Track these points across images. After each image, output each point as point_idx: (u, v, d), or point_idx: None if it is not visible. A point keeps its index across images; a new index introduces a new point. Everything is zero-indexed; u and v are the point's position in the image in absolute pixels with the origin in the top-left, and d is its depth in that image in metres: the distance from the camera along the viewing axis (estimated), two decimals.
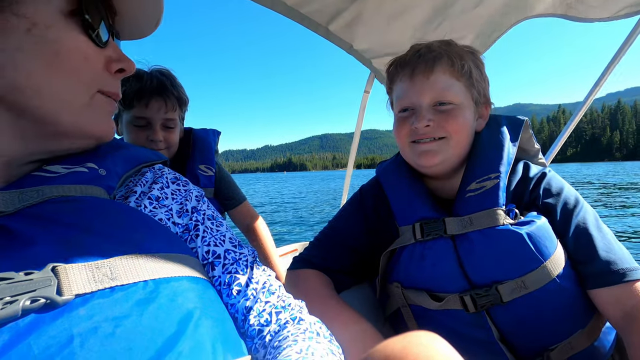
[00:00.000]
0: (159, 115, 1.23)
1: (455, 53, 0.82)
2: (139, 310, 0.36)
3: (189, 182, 0.62)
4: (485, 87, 0.86)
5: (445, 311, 0.75)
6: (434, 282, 0.77)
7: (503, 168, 0.79)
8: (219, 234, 0.57)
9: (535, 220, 0.72)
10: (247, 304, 0.52)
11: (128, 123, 1.22)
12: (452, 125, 0.80)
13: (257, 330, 0.51)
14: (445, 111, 0.80)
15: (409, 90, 0.83)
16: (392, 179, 0.93)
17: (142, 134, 1.23)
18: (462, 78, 0.81)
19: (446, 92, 0.80)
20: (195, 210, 0.57)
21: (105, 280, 0.36)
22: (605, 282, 0.70)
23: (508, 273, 0.71)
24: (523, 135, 0.88)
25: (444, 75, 0.81)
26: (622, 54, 1.39)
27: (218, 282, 0.52)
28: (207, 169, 1.41)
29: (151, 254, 0.41)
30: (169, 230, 0.50)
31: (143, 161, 0.59)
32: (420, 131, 0.80)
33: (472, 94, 0.83)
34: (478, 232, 0.74)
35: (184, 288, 0.41)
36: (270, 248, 1.56)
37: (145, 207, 0.52)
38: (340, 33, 1.49)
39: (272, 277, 0.59)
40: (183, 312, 0.38)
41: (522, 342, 0.73)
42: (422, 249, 0.79)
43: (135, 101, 1.20)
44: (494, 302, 0.70)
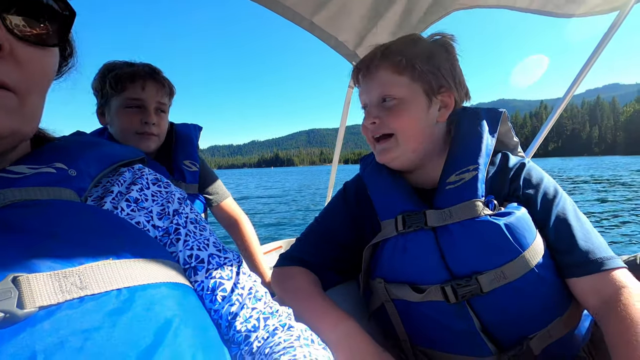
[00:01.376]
0: (155, 98, 1.22)
1: (395, 49, 0.84)
2: (112, 321, 0.33)
3: (171, 183, 0.59)
4: (440, 77, 0.84)
5: (427, 303, 0.76)
6: (416, 274, 0.78)
7: (482, 160, 0.80)
8: (202, 238, 0.54)
9: (514, 211, 0.74)
10: (232, 310, 0.50)
11: (119, 107, 1.19)
12: (396, 121, 0.83)
13: (244, 336, 0.49)
14: (389, 107, 0.84)
15: (361, 91, 0.90)
16: (372, 173, 0.94)
17: (136, 116, 1.20)
18: (404, 72, 0.83)
19: (387, 87, 0.83)
20: (177, 213, 0.54)
21: (73, 290, 0.33)
22: (583, 271, 0.72)
23: (487, 263, 0.72)
24: (501, 127, 0.89)
25: (384, 72, 0.84)
26: (599, 51, 1.40)
27: (201, 288, 0.50)
28: (191, 164, 1.38)
29: (126, 259, 0.39)
30: (146, 233, 0.48)
31: (119, 160, 0.56)
32: (370, 128, 0.87)
33: (421, 86, 0.83)
34: (458, 224, 0.75)
35: (162, 295, 0.39)
36: (254, 246, 1.54)
37: (122, 210, 0.49)
38: (325, 25, 1.47)
39: (258, 283, 0.57)
40: (160, 321, 0.36)
41: (503, 331, 0.74)
42: (404, 241, 0.79)
43: (129, 83, 1.18)
44: (474, 293, 0.72)
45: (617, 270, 0.70)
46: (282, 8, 1.40)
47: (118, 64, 1.22)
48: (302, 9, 1.42)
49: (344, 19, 1.47)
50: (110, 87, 1.18)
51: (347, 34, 1.53)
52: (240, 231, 1.53)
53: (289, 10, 1.41)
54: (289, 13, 1.42)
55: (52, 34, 0.42)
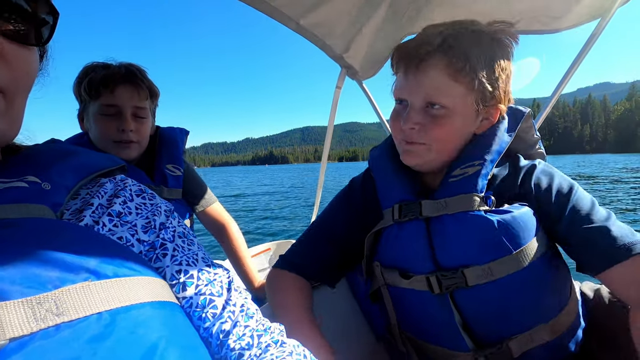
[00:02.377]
0: (130, 102, 1.15)
1: (458, 48, 0.71)
2: (92, 349, 0.31)
3: (156, 195, 0.56)
4: (497, 87, 0.75)
5: (414, 291, 0.77)
6: (405, 262, 0.79)
7: (489, 156, 0.76)
8: (190, 253, 0.52)
9: (513, 210, 0.71)
10: (225, 328, 0.48)
11: (95, 114, 1.13)
12: (436, 133, 0.75)
13: (238, 354, 0.47)
14: (435, 116, 0.75)
15: (403, 85, 0.78)
16: (380, 164, 0.93)
17: (112, 124, 1.14)
18: (461, 80, 0.72)
19: (438, 93, 0.73)
20: (164, 226, 0.52)
21: (49, 317, 0.30)
22: (613, 259, 0.67)
23: (475, 258, 0.71)
24: (523, 125, 0.84)
25: (437, 75, 0.72)
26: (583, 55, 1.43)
27: (189, 304, 0.47)
28: (174, 168, 1.34)
29: (106, 279, 0.36)
30: (129, 249, 0.45)
31: (98, 169, 0.52)
32: (406, 132, 0.78)
33: (474, 98, 0.74)
34: (451, 216, 0.74)
35: (147, 316, 0.37)
36: (242, 250, 1.51)
37: (104, 225, 0.46)
38: (312, 27, 1.45)
39: (249, 300, 0.55)
40: (146, 344, 0.34)
41: (483, 328, 0.74)
42: (398, 229, 0.80)
43: (102, 88, 1.11)
44: (458, 285, 0.71)
45: None
46: (269, 9, 1.37)
47: (95, 67, 1.16)
48: (290, 11, 1.40)
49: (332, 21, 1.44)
50: (85, 93, 1.13)
51: (335, 38, 1.52)
52: (228, 236, 1.50)
53: (277, 11, 1.39)
54: (277, 14, 1.39)
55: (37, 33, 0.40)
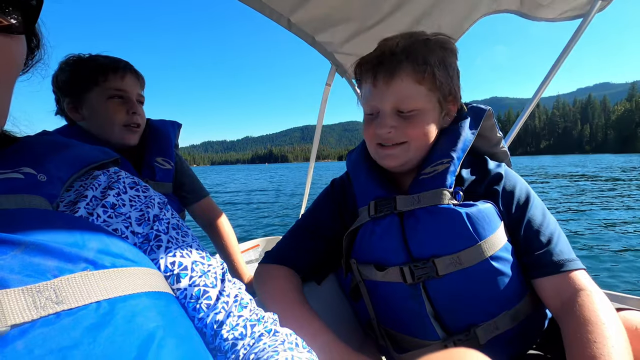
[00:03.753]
0: (134, 88, 1.20)
1: (419, 55, 0.80)
2: (91, 336, 0.31)
3: (149, 187, 0.56)
4: (452, 85, 0.84)
5: (388, 284, 0.81)
6: (380, 255, 0.82)
7: (456, 154, 0.82)
8: (185, 245, 0.52)
9: (478, 204, 0.77)
10: (218, 318, 0.49)
11: (102, 99, 1.14)
12: (413, 131, 0.82)
13: (231, 344, 0.48)
14: (407, 117, 0.81)
15: (372, 95, 0.84)
16: (356, 166, 0.97)
17: (122, 107, 1.17)
18: (424, 82, 0.80)
19: (407, 99, 0.80)
20: (158, 218, 0.52)
21: (49, 305, 0.31)
22: (545, 272, 0.76)
23: (445, 248, 0.76)
24: (485, 123, 0.90)
25: (405, 82, 0.80)
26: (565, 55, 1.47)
27: (184, 295, 0.48)
28: (164, 162, 1.32)
29: (104, 269, 0.37)
30: (125, 241, 0.45)
31: (91, 161, 0.53)
32: (383, 137, 0.83)
33: (437, 96, 0.82)
34: (423, 210, 0.79)
35: (144, 306, 0.37)
36: (232, 245, 1.51)
37: (98, 217, 0.46)
38: (303, 24, 1.43)
39: (243, 290, 0.55)
40: (144, 333, 0.34)
41: (452, 317, 0.78)
42: (373, 225, 0.83)
43: (110, 73, 1.14)
44: (430, 275, 0.76)
45: (577, 271, 0.74)
46: (259, 4, 1.36)
47: (89, 56, 1.18)
48: (280, 7, 1.38)
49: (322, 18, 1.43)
50: (88, 79, 1.13)
51: (325, 34, 1.50)
52: (218, 231, 1.49)
53: (267, 7, 1.37)
54: (267, 10, 1.38)
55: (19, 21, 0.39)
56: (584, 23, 1.39)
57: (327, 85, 1.80)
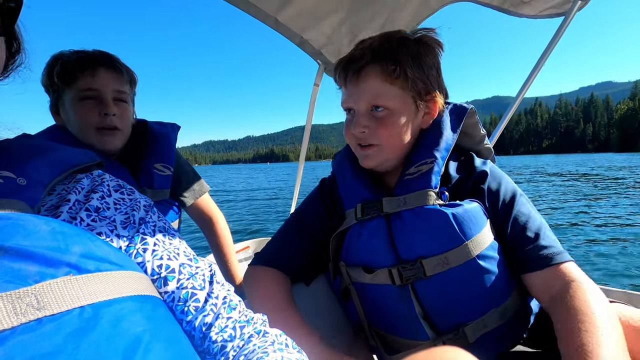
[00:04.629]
0: (110, 86, 1.08)
1: (387, 53, 0.80)
2: (75, 342, 0.30)
3: (135, 190, 0.56)
4: (428, 83, 0.83)
5: (377, 286, 0.81)
6: (368, 258, 0.83)
7: (439, 154, 0.83)
8: (172, 247, 0.51)
9: (464, 204, 0.78)
10: (207, 321, 0.48)
11: (73, 101, 1.05)
12: (383, 133, 0.82)
13: (220, 346, 0.48)
14: (379, 118, 0.82)
15: (347, 95, 0.86)
16: (341, 168, 0.98)
17: (93, 109, 1.06)
18: (395, 81, 0.80)
19: (378, 98, 0.81)
20: (144, 221, 0.51)
21: (30, 312, 0.30)
22: (534, 266, 0.76)
23: (433, 249, 0.76)
24: (468, 121, 0.91)
25: (374, 81, 0.80)
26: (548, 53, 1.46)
27: (171, 299, 0.47)
28: (164, 168, 1.26)
29: (87, 274, 0.36)
30: (110, 245, 0.44)
31: (74, 164, 0.52)
32: (358, 136, 0.84)
33: (411, 95, 0.82)
34: (409, 211, 0.79)
35: (130, 310, 0.36)
36: (227, 246, 1.48)
37: (82, 220, 0.45)
38: (290, 23, 1.42)
39: (232, 292, 0.55)
40: (130, 337, 0.34)
41: (441, 317, 0.78)
42: (360, 228, 0.84)
43: (78, 72, 1.04)
44: (418, 276, 0.76)
45: (566, 263, 0.74)
46: (245, 4, 1.35)
47: (65, 53, 1.10)
48: (266, 6, 1.37)
49: (310, 17, 1.42)
50: (59, 80, 1.05)
51: (313, 32, 1.49)
52: (215, 230, 1.46)
53: (253, 6, 1.36)
54: (253, 10, 1.37)
55: None
56: (565, 21, 1.40)
57: (315, 86, 1.79)
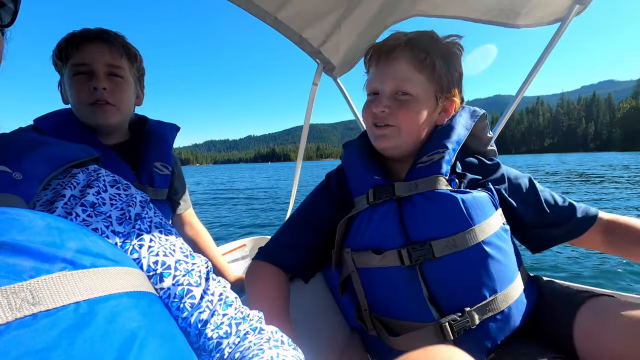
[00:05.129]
0: (101, 59, 1.04)
1: (421, 44, 0.85)
2: (70, 338, 0.30)
3: (131, 185, 0.55)
4: (451, 82, 0.89)
5: (385, 269, 0.82)
6: (377, 240, 0.84)
7: (450, 145, 0.87)
8: (168, 243, 0.51)
9: (472, 192, 0.82)
10: (203, 317, 0.48)
11: (69, 77, 1.04)
12: (403, 115, 0.86)
13: (216, 343, 0.48)
14: (402, 101, 0.86)
15: (375, 76, 0.90)
16: (351, 156, 0.99)
17: (84, 85, 1.02)
18: (424, 70, 0.85)
19: (405, 82, 0.85)
20: (140, 217, 0.51)
21: (24, 307, 0.30)
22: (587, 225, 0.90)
23: (442, 231, 0.79)
24: (479, 124, 0.96)
25: (404, 66, 0.85)
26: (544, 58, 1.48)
27: (167, 295, 0.47)
28: (163, 167, 1.24)
29: (83, 269, 0.36)
30: (106, 240, 0.44)
31: (70, 159, 0.51)
32: (378, 115, 0.88)
33: (434, 88, 0.87)
34: (421, 195, 0.82)
35: (125, 306, 0.36)
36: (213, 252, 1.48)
37: (77, 216, 0.45)
38: (289, 22, 1.42)
39: (228, 289, 0.55)
40: (125, 333, 0.34)
41: (447, 299, 0.80)
42: (371, 212, 0.86)
43: (71, 48, 1.02)
44: (427, 257, 0.79)
45: (600, 214, 0.91)
46: (245, 2, 1.35)
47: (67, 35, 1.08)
48: (266, 5, 1.37)
49: (309, 15, 1.42)
50: (57, 58, 1.05)
51: (312, 31, 1.49)
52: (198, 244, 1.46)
53: (253, 5, 1.36)
54: (253, 8, 1.37)
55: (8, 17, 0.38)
56: (562, 27, 1.41)
57: (314, 85, 1.78)
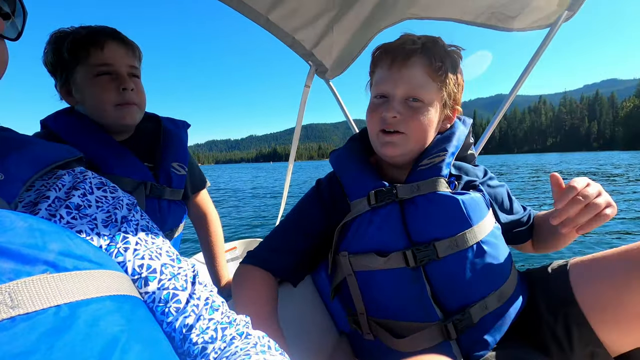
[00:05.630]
0: (123, 59, 1.04)
1: (436, 52, 0.85)
2: (49, 342, 0.29)
3: (118, 188, 0.54)
4: (457, 92, 0.91)
5: (389, 271, 0.82)
6: (380, 244, 0.84)
7: (450, 149, 0.89)
8: (154, 247, 0.50)
9: (470, 193, 0.85)
10: (188, 322, 0.47)
11: (87, 78, 1.01)
12: (415, 122, 0.85)
13: (201, 348, 0.47)
14: (414, 108, 0.85)
15: (386, 79, 0.87)
16: (343, 162, 0.98)
17: (110, 85, 1.01)
18: (437, 78, 0.85)
19: (419, 89, 0.84)
20: (126, 220, 0.51)
21: (3, 310, 0.29)
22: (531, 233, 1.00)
23: (444, 232, 0.80)
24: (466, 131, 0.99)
25: (419, 72, 0.84)
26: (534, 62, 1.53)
27: (152, 299, 0.47)
28: (180, 167, 1.22)
29: (65, 272, 0.35)
30: (90, 243, 0.43)
31: (55, 160, 0.51)
32: (388, 120, 0.85)
33: (443, 97, 0.88)
34: (423, 197, 0.83)
35: (108, 310, 0.36)
36: (218, 246, 1.45)
37: (61, 218, 0.44)
38: (281, 23, 1.39)
39: (215, 293, 0.54)
40: (107, 337, 0.33)
41: (449, 299, 0.81)
42: (371, 215, 0.85)
43: (90, 46, 0.99)
44: (431, 258, 0.79)
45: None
46: (237, 3, 1.32)
47: (71, 30, 1.03)
48: (258, 5, 1.35)
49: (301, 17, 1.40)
50: (70, 56, 1.00)
51: (304, 33, 1.47)
52: (207, 227, 1.42)
53: (245, 5, 1.34)
54: (245, 8, 1.35)
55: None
56: (551, 32, 1.45)
57: (306, 87, 1.76)
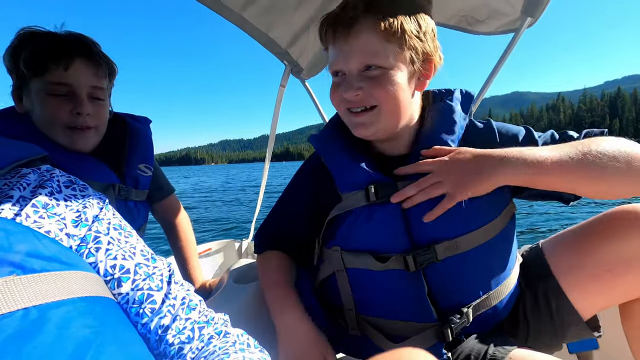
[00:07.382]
0: (86, 81, 0.97)
1: (383, 8, 0.73)
2: (16, 346, 0.28)
3: (88, 186, 0.52)
4: (424, 43, 0.77)
5: (387, 272, 0.78)
6: (378, 243, 0.79)
7: (454, 144, 0.81)
8: (127, 246, 0.49)
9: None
10: (164, 322, 0.46)
11: (40, 93, 0.94)
12: (380, 93, 0.75)
13: (177, 348, 0.46)
14: (374, 77, 0.75)
15: (336, 55, 0.78)
16: (330, 147, 0.89)
17: (63, 106, 0.95)
18: (391, 38, 0.73)
19: (373, 55, 0.74)
20: (97, 219, 0.49)
21: None
22: None
23: (446, 233, 0.76)
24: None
25: (368, 37, 0.73)
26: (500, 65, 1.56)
27: (125, 300, 0.46)
28: (146, 168, 1.20)
29: (33, 274, 0.34)
30: (59, 243, 0.41)
31: (17, 158, 0.48)
32: (350, 99, 0.78)
33: (408, 54, 0.76)
34: None
35: (79, 311, 0.35)
36: (191, 250, 1.40)
37: (28, 217, 0.42)
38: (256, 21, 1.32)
39: (192, 292, 0.54)
40: (78, 340, 0.32)
41: (446, 299, 0.78)
42: (370, 211, 0.79)
43: (51, 63, 0.92)
44: (431, 261, 0.76)
45: None
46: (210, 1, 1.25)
47: (37, 34, 0.96)
48: (231, 2, 1.27)
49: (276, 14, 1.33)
50: (26, 67, 0.93)
51: (279, 30, 1.40)
52: (178, 233, 1.38)
53: (217, 2, 1.26)
54: (217, 5, 1.28)
55: None
56: (515, 37, 1.50)
57: (281, 87, 1.70)
